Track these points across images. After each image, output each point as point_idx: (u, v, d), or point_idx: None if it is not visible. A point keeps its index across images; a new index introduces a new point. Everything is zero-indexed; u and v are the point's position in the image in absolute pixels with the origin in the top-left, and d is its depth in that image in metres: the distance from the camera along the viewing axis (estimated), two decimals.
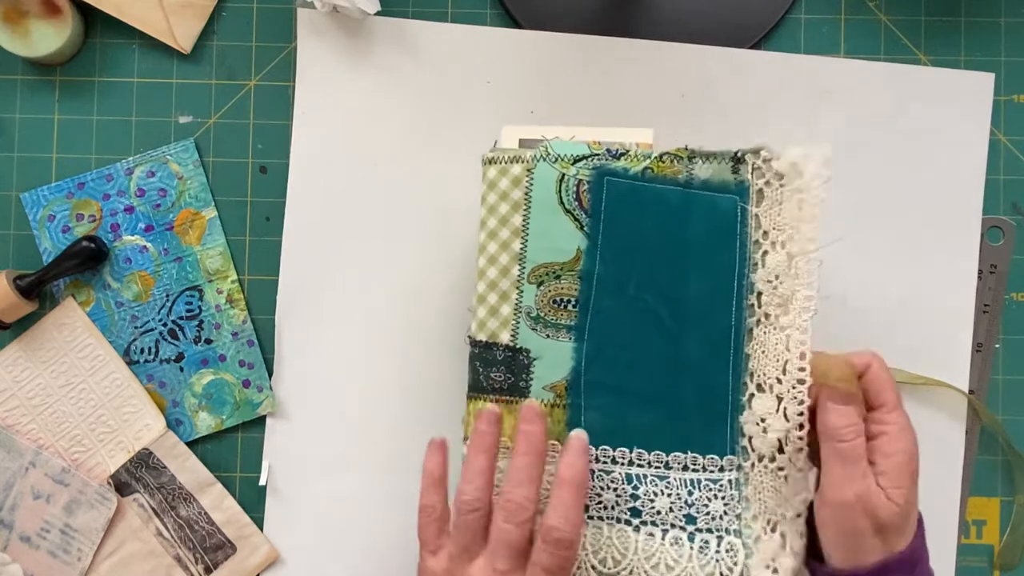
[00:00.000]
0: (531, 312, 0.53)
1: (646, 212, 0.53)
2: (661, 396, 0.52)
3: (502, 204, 0.54)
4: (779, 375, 0.51)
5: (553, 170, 0.53)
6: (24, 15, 0.63)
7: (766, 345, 0.51)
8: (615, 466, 0.52)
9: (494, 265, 0.54)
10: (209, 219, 0.65)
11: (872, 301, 0.64)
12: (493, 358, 0.54)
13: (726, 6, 0.65)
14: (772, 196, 0.52)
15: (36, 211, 0.65)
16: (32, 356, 0.65)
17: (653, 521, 0.52)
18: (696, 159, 0.52)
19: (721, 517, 0.51)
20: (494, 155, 0.54)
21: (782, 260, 0.51)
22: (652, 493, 0.52)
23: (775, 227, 0.52)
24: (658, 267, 0.53)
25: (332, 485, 0.65)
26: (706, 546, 0.51)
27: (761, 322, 0.52)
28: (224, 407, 0.65)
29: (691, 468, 0.52)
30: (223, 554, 0.64)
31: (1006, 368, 0.65)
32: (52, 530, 0.63)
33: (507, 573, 0.49)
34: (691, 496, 0.52)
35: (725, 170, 0.52)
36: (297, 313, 0.65)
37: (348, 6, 0.63)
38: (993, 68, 0.65)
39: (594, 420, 0.53)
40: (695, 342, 0.52)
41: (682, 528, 0.52)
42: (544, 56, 0.65)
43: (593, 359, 0.53)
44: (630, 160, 0.53)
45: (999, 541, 0.65)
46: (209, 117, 0.66)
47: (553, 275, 0.53)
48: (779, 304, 0.51)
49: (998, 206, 0.65)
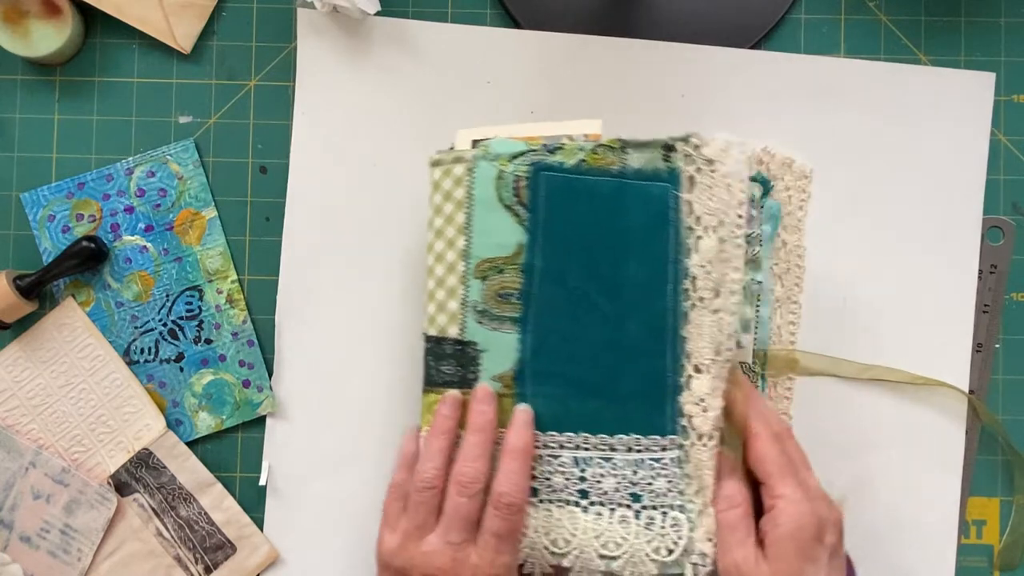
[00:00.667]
0: (477, 306, 0.55)
1: (582, 204, 0.54)
2: (603, 381, 0.54)
3: (447, 204, 0.56)
4: (714, 356, 0.52)
5: (492, 168, 0.55)
6: (24, 15, 0.63)
7: (702, 328, 0.53)
8: (563, 451, 0.54)
9: (441, 263, 0.56)
10: (209, 219, 0.65)
11: (872, 301, 0.64)
12: (443, 352, 0.56)
13: (726, 6, 0.65)
14: (703, 182, 0.52)
15: (36, 211, 0.65)
16: (32, 356, 0.65)
17: (601, 501, 0.53)
18: (629, 149, 0.54)
19: (665, 494, 0.53)
20: (439, 157, 0.57)
21: (713, 245, 0.52)
22: (599, 475, 0.53)
23: (707, 212, 0.52)
24: (596, 257, 0.54)
25: (332, 485, 0.65)
26: (652, 522, 0.53)
27: (696, 306, 0.53)
28: (224, 407, 0.65)
29: (635, 449, 0.53)
30: (223, 554, 0.64)
31: (1006, 368, 0.65)
32: (52, 530, 0.63)
33: (460, 544, 0.52)
34: (636, 475, 0.53)
35: (657, 158, 0.53)
36: (297, 313, 0.65)
37: (348, 6, 0.63)
38: (993, 68, 0.65)
39: (540, 407, 0.54)
40: (634, 328, 0.53)
41: (628, 506, 0.53)
42: (544, 56, 0.65)
43: (537, 349, 0.54)
44: (565, 154, 0.54)
45: (999, 541, 0.65)
46: (209, 117, 0.66)
47: (496, 269, 0.55)
48: (711, 288, 0.52)
49: (998, 206, 0.65)
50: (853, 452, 0.64)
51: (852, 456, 0.64)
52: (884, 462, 0.64)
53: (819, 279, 0.64)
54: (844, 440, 0.64)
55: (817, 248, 0.64)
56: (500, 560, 0.52)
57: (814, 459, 0.64)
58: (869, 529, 0.64)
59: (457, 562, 0.52)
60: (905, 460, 0.64)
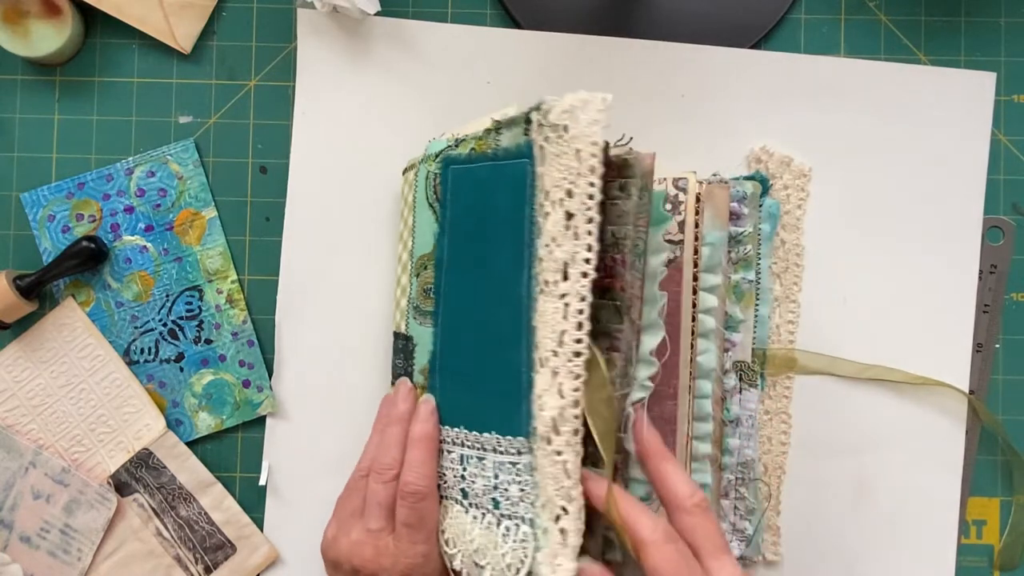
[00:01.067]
0: (413, 302, 0.57)
1: (470, 192, 0.52)
2: (478, 376, 0.51)
3: (404, 208, 0.59)
4: (555, 347, 0.45)
5: (424, 169, 0.56)
6: (24, 15, 0.63)
7: (545, 316, 0.46)
8: (454, 447, 0.53)
9: (399, 262, 0.59)
10: (209, 219, 0.65)
11: (872, 301, 0.64)
12: (397, 346, 0.58)
13: (726, 6, 0.65)
14: (551, 151, 0.46)
15: (36, 211, 0.65)
16: (32, 356, 0.65)
17: (475, 504, 0.51)
18: (502, 129, 0.50)
19: (518, 503, 0.48)
20: (406, 165, 0.59)
21: (559, 219, 0.45)
22: (473, 475, 0.51)
23: (554, 184, 0.46)
24: (479, 245, 0.51)
25: (332, 485, 0.64)
26: (508, 533, 0.48)
27: (543, 291, 0.46)
28: (224, 407, 0.65)
29: (498, 450, 0.49)
30: (223, 554, 0.64)
31: (1006, 368, 0.65)
32: (52, 530, 0.63)
33: (379, 532, 0.53)
34: (497, 479, 0.49)
35: (519, 134, 0.48)
36: (297, 313, 0.65)
37: (348, 6, 0.63)
38: (993, 68, 0.65)
39: (440, 401, 0.54)
40: (496, 318, 0.49)
41: (491, 512, 0.49)
42: (544, 56, 0.65)
43: (443, 343, 0.54)
44: (464, 145, 0.54)
45: (999, 541, 0.65)
46: (209, 117, 0.66)
47: (423, 266, 0.56)
48: (556, 270, 0.46)
49: (998, 206, 0.65)
50: (853, 452, 0.64)
51: (852, 456, 0.64)
52: (884, 462, 0.64)
53: (819, 278, 0.64)
54: (844, 440, 0.64)
55: (816, 247, 0.64)
56: (415, 550, 0.52)
57: (814, 459, 0.64)
58: (869, 529, 0.64)
59: (378, 551, 0.52)
60: (905, 460, 0.64)
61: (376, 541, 0.53)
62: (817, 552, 0.64)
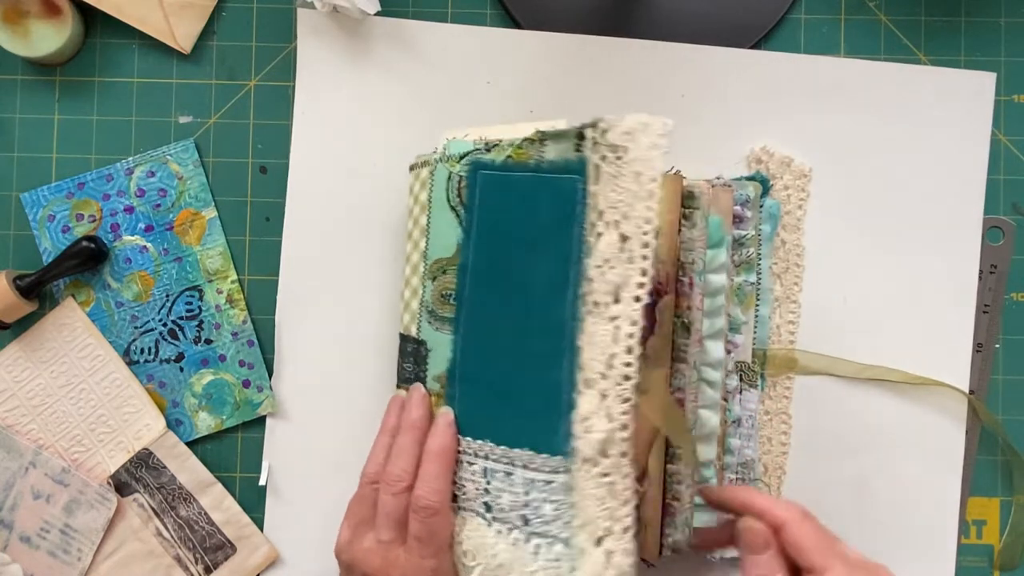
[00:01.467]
0: (428, 306, 0.55)
1: (506, 201, 0.51)
2: (509, 390, 0.50)
3: (415, 207, 0.57)
4: (604, 370, 0.46)
5: (445, 169, 0.55)
6: (24, 15, 0.63)
7: (594, 337, 0.46)
8: (476, 458, 0.52)
9: (409, 263, 0.57)
10: (209, 219, 0.65)
11: (872, 301, 0.64)
12: (406, 349, 0.57)
13: (726, 6, 0.65)
14: (608, 171, 0.46)
15: (36, 211, 0.65)
16: (32, 356, 0.65)
17: (501, 518, 0.50)
18: (547, 141, 0.50)
19: (552, 522, 0.48)
20: (414, 162, 0.57)
21: (613, 242, 0.46)
22: (499, 489, 0.50)
23: (610, 205, 0.46)
24: (512, 256, 0.50)
25: (332, 485, 0.65)
26: (538, 551, 0.48)
27: (592, 312, 0.47)
28: (224, 407, 0.65)
29: (530, 467, 0.49)
30: (223, 554, 0.64)
31: (1006, 368, 0.65)
32: (52, 530, 0.63)
33: (390, 543, 0.52)
34: (527, 496, 0.49)
35: (569, 148, 0.48)
36: (297, 313, 0.65)
37: (348, 6, 0.63)
38: (993, 68, 0.65)
39: (461, 410, 0.53)
40: (536, 334, 0.49)
41: (520, 528, 0.49)
42: (544, 56, 0.65)
43: (465, 351, 0.53)
44: (498, 151, 0.53)
45: (999, 541, 0.65)
46: (209, 117, 0.66)
47: (442, 270, 0.55)
48: (607, 292, 0.46)
49: (998, 206, 0.65)
50: (853, 452, 0.64)
51: (852, 456, 0.64)
52: (884, 462, 0.64)
53: (819, 279, 0.64)
54: (844, 440, 0.64)
55: (817, 247, 0.64)
56: (425, 564, 0.51)
57: (814, 459, 0.64)
58: (869, 529, 0.64)
59: (387, 562, 0.52)
60: (905, 460, 0.64)
61: (386, 552, 0.52)
62: None
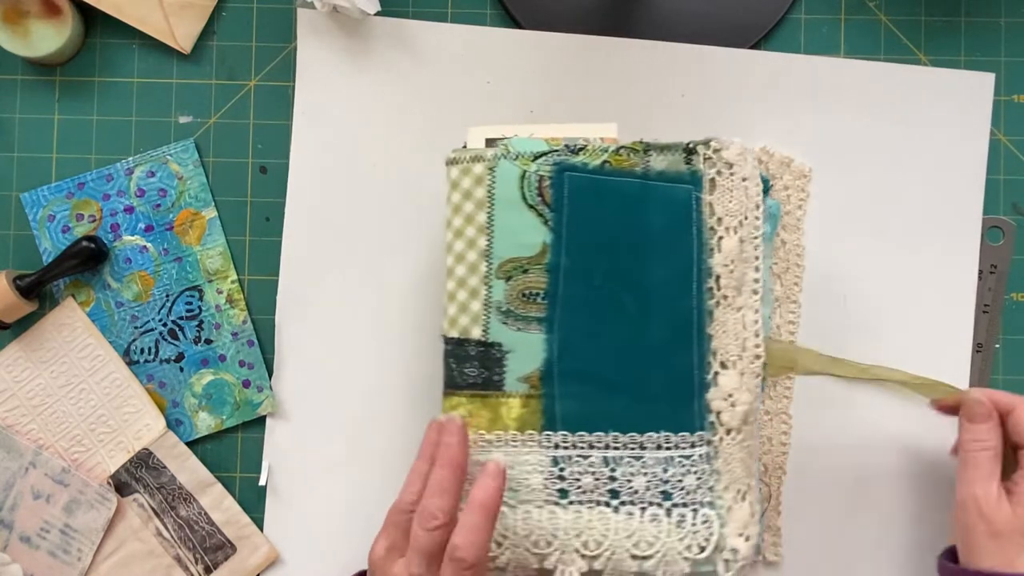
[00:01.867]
0: (501, 307, 0.55)
1: (606, 204, 0.55)
2: (631, 380, 0.54)
3: (466, 203, 0.56)
4: (739, 352, 0.54)
5: (515, 167, 0.55)
6: (24, 15, 0.63)
7: (726, 325, 0.54)
8: (592, 451, 0.54)
9: (462, 263, 0.56)
10: (209, 219, 0.65)
11: (872, 301, 0.64)
12: (466, 354, 0.55)
13: (726, 6, 0.65)
14: (723, 184, 0.54)
15: (36, 211, 0.65)
16: (32, 356, 0.65)
17: (632, 500, 0.54)
18: (651, 151, 0.55)
19: (695, 491, 0.53)
20: (456, 155, 0.56)
21: (735, 245, 0.54)
22: (629, 474, 0.54)
23: (728, 214, 0.54)
24: (620, 256, 0.55)
25: (332, 485, 0.65)
26: (683, 520, 0.53)
27: (720, 304, 0.54)
28: (224, 407, 0.65)
29: (664, 447, 0.54)
30: (223, 554, 0.64)
31: (1006, 368, 0.65)
32: (52, 530, 0.63)
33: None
34: (666, 473, 0.54)
35: (679, 161, 0.55)
36: (297, 313, 0.65)
37: (348, 6, 0.63)
38: (993, 68, 0.65)
39: (569, 408, 0.54)
40: (659, 326, 0.54)
41: (659, 505, 0.54)
42: (544, 56, 0.65)
43: (564, 349, 0.55)
44: (588, 155, 0.55)
45: None
46: (209, 117, 0.66)
47: (521, 269, 0.55)
48: (734, 287, 0.54)
49: (998, 206, 0.65)
50: (853, 452, 0.64)
51: (852, 456, 0.64)
52: (884, 462, 0.64)
53: (819, 279, 0.64)
54: (844, 440, 0.64)
55: (817, 247, 0.64)
56: None
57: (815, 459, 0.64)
58: (869, 529, 0.64)
59: None
60: (905, 460, 0.64)
61: None
62: (817, 552, 0.64)
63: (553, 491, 0.54)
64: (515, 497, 0.54)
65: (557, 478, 0.54)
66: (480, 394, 0.55)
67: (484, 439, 0.54)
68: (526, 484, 0.54)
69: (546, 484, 0.54)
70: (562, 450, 0.54)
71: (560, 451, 0.54)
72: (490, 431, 0.54)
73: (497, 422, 0.55)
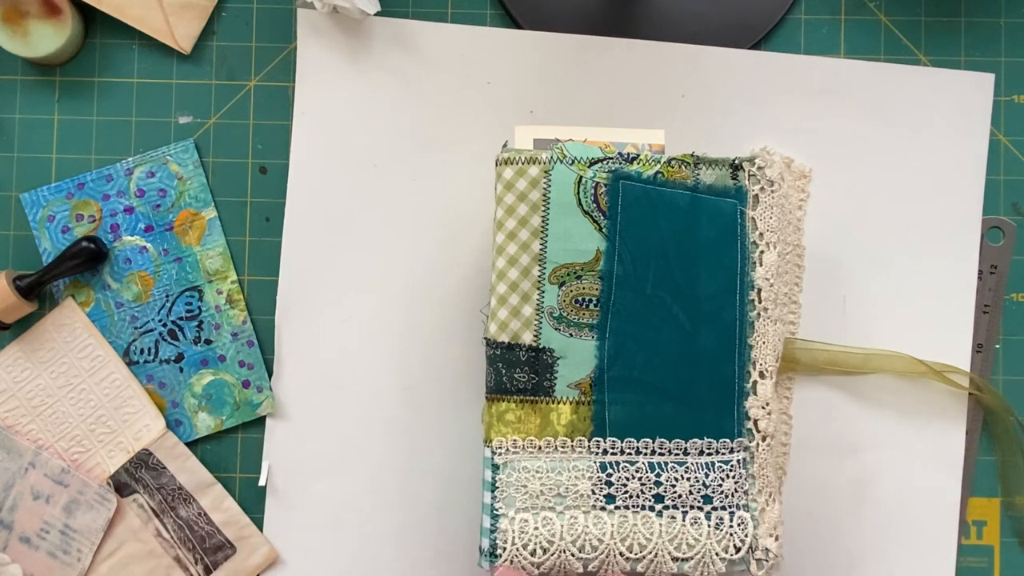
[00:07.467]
0: (554, 312, 0.55)
1: (659, 214, 0.56)
2: (677, 387, 0.56)
3: (521, 205, 0.56)
4: (774, 363, 0.56)
5: (571, 172, 0.55)
6: (24, 15, 0.63)
7: (766, 336, 0.56)
8: (639, 456, 0.56)
9: (515, 266, 0.56)
10: (209, 219, 0.65)
11: (872, 301, 0.64)
12: (516, 359, 0.56)
13: (726, 6, 0.65)
14: (765, 201, 0.57)
15: (36, 211, 0.65)
16: (32, 356, 0.65)
17: (675, 505, 0.55)
18: (701, 165, 0.56)
19: (732, 494, 0.55)
20: (510, 155, 0.56)
21: (775, 260, 0.56)
22: (673, 479, 0.55)
23: (769, 229, 0.57)
24: (672, 266, 0.56)
25: (332, 485, 0.65)
26: (720, 523, 0.55)
27: (761, 315, 0.56)
28: (224, 407, 0.65)
29: (706, 453, 0.56)
30: (223, 555, 0.64)
31: (1006, 368, 0.65)
32: (52, 531, 0.63)
33: None
34: (707, 478, 0.55)
35: (726, 176, 0.56)
36: (297, 313, 0.65)
37: (348, 6, 0.63)
38: (993, 68, 0.65)
39: (618, 414, 0.56)
40: (706, 336, 0.56)
41: (700, 508, 0.55)
42: (544, 56, 0.65)
43: (615, 356, 0.56)
44: (642, 164, 0.56)
45: (999, 542, 0.65)
46: (209, 117, 0.66)
47: (574, 275, 0.55)
48: (773, 299, 0.56)
49: (998, 206, 0.65)
50: (853, 452, 0.64)
51: (852, 456, 0.64)
52: (884, 462, 0.64)
53: (819, 278, 0.64)
54: (844, 440, 0.64)
55: (817, 248, 0.64)
56: None
57: (815, 459, 0.64)
58: (869, 529, 0.64)
59: None
60: (905, 460, 0.64)
61: None
62: (817, 552, 0.64)
63: (600, 497, 0.55)
64: (562, 503, 0.55)
65: (605, 484, 0.55)
66: (530, 399, 0.56)
67: (533, 444, 0.55)
68: (574, 490, 0.55)
69: (594, 490, 0.55)
70: (610, 456, 0.55)
71: (608, 457, 0.55)
72: (540, 437, 0.55)
73: (547, 428, 0.55)
